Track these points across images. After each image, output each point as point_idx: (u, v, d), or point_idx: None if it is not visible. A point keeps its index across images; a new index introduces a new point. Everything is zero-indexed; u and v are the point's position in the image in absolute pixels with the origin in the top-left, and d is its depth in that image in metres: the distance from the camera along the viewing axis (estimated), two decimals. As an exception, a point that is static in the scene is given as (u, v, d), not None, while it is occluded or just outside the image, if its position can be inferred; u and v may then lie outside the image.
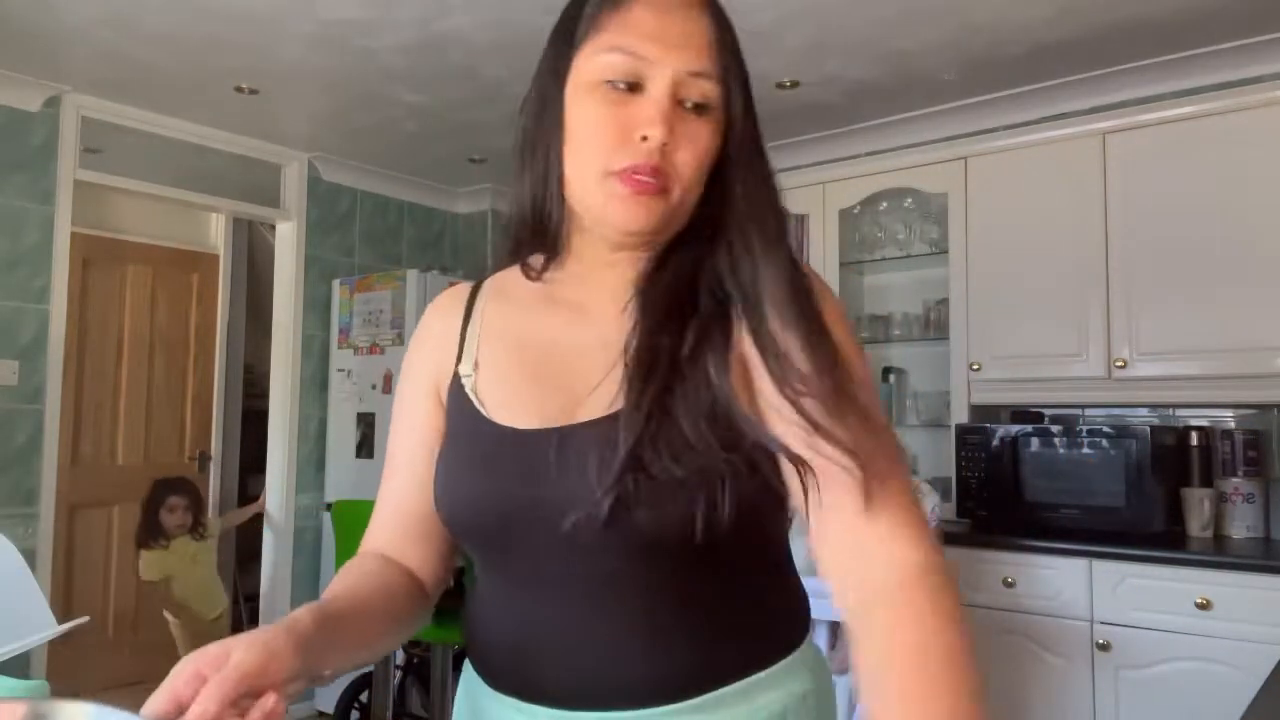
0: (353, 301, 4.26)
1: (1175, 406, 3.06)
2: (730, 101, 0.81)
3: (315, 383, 4.31)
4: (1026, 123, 3.30)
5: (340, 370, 4.29)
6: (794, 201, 3.66)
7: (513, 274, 0.93)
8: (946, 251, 3.31)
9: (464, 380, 0.89)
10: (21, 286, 3.41)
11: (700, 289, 0.83)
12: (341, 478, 4.22)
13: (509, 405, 0.85)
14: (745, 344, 0.80)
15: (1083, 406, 3.16)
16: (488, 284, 0.95)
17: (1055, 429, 2.97)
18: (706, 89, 0.80)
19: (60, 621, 1.01)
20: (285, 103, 3.62)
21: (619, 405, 0.78)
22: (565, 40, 0.83)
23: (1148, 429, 2.81)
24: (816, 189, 3.60)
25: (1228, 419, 2.99)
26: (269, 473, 4.25)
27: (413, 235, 4.75)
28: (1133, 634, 2.62)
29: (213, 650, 0.65)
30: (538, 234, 0.88)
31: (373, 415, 4.13)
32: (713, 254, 0.83)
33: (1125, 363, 2.90)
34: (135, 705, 0.61)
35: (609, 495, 0.74)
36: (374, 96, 3.51)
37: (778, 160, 0.85)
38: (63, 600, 4.16)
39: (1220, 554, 2.60)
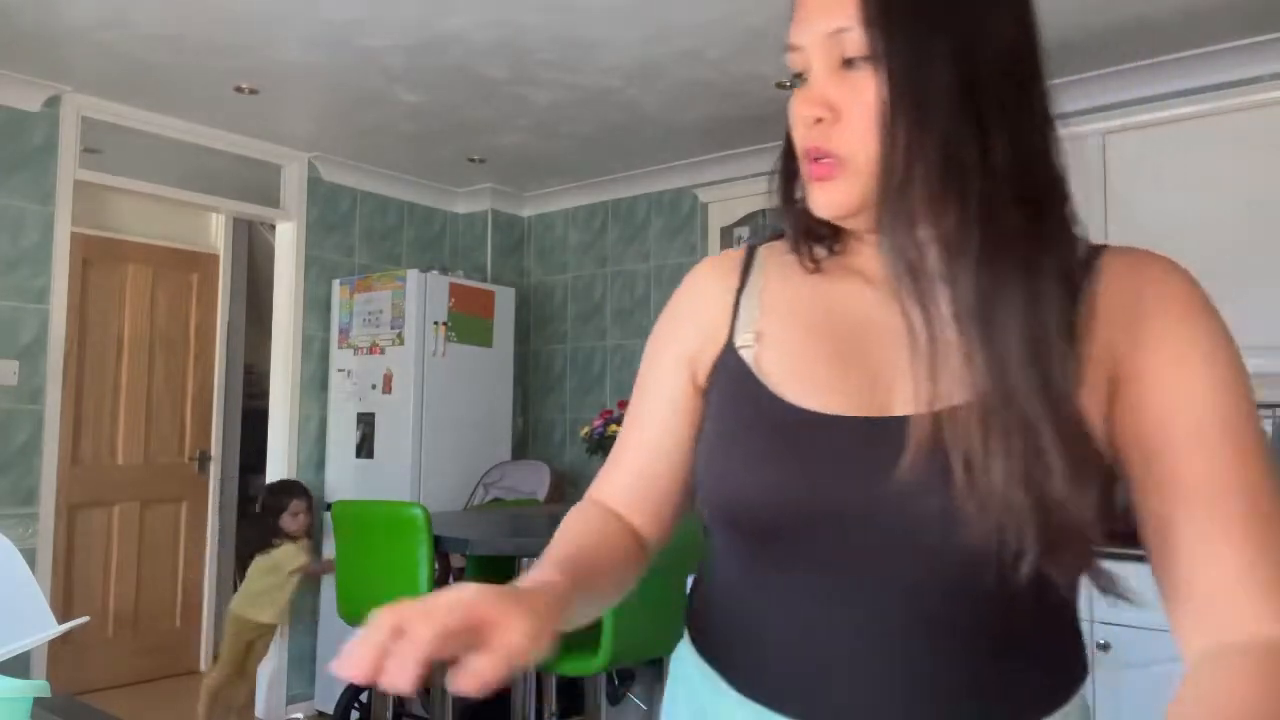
0: (353, 301, 4.26)
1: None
2: (889, 45, 0.69)
3: (315, 383, 4.31)
4: (1026, 123, 3.30)
5: (340, 370, 4.29)
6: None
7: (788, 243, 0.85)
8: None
9: (741, 351, 0.79)
10: (21, 286, 3.41)
11: None
12: (341, 478, 4.22)
13: (804, 385, 0.75)
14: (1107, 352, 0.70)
15: (1083, 406, 3.16)
16: (764, 251, 0.86)
17: (1055, 429, 2.97)
18: (855, 40, 0.70)
19: (60, 621, 1.01)
20: (285, 103, 3.62)
21: (931, 402, 0.70)
22: None
23: (1148, 429, 2.80)
24: (816, 189, 3.59)
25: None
26: (269, 473, 4.25)
27: (413, 235, 4.75)
28: (1133, 634, 2.62)
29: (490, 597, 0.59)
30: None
31: (373, 415, 4.14)
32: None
33: (1125, 363, 2.89)
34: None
35: (954, 502, 0.67)
36: (374, 96, 3.51)
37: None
38: (63, 600, 4.16)
39: (1220, 554, 2.60)
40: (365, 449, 4.15)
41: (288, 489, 3.85)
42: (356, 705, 3.67)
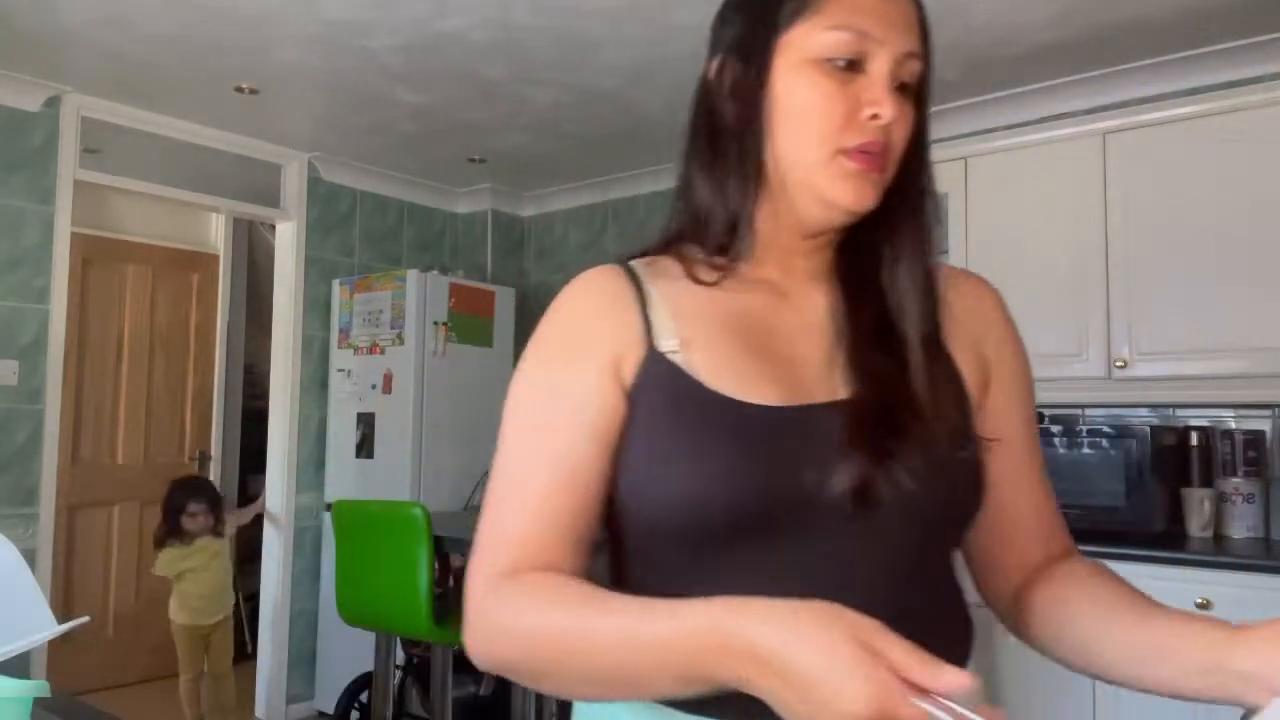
0: (353, 301, 4.26)
1: (1175, 406, 3.06)
2: (928, 84, 0.82)
3: (315, 383, 4.31)
4: (1026, 123, 3.30)
5: (340, 370, 4.29)
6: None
7: (665, 261, 0.87)
8: (946, 251, 3.31)
9: (671, 357, 0.79)
10: (21, 286, 3.41)
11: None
12: (341, 478, 4.22)
13: (737, 382, 0.78)
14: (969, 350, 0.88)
15: (1083, 406, 3.16)
16: (638, 266, 0.86)
17: (1055, 429, 2.97)
18: (916, 69, 0.80)
19: (60, 621, 1.01)
20: (285, 103, 3.62)
21: (849, 388, 0.80)
22: (764, 21, 0.81)
23: (1148, 429, 2.80)
24: (816, 189, 3.59)
25: (1228, 419, 2.99)
26: (269, 473, 4.25)
27: (413, 235, 4.75)
28: (1133, 634, 2.62)
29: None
30: (716, 220, 0.84)
31: (373, 415, 4.14)
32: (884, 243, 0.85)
33: (1125, 363, 2.89)
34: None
35: (888, 474, 0.75)
36: (374, 96, 3.51)
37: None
38: (63, 600, 4.16)
39: (1220, 554, 2.60)
40: (365, 449, 4.15)
41: (191, 489, 3.81)
42: (356, 705, 3.67)
